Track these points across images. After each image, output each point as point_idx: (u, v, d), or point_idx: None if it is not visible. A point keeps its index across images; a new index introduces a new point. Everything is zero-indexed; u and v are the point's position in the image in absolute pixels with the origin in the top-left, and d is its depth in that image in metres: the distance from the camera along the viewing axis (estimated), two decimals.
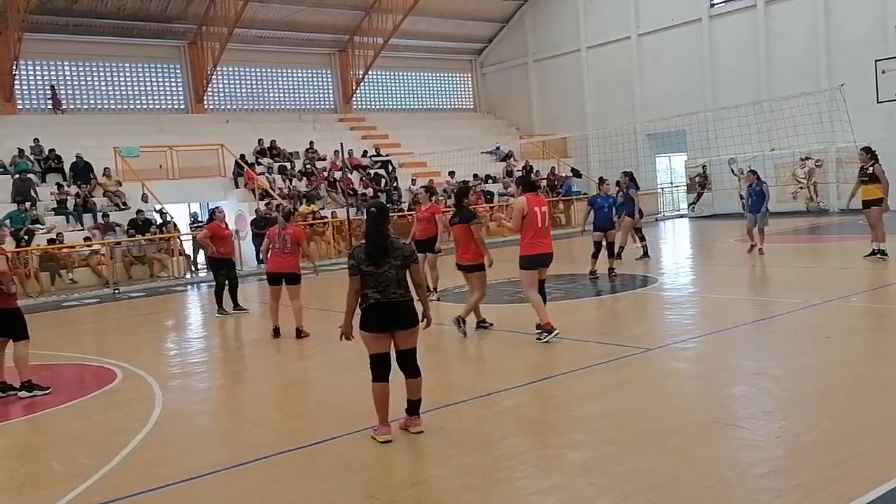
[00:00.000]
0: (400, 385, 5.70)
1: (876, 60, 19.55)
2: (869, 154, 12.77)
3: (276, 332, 10.32)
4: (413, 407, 5.70)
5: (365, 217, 5.81)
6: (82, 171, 22.06)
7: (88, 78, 27.19)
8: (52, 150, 22.60)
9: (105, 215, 20.46)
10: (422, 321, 5.75)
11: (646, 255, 15.73)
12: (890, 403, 5.61)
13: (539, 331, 8.38)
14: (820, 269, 13.26)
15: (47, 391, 7.79)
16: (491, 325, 9.47)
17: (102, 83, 27.48)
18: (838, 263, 12.82)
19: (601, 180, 15.20)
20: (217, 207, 13.63)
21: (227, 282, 12.87)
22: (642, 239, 15.86)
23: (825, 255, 14.45)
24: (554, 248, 8.65)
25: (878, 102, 18.96)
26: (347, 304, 5.71)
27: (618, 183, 15.63)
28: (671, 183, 32.80)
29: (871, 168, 12.65)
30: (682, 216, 29.20)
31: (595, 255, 13.53)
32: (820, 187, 24.67)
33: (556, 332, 8.30)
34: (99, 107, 27.33)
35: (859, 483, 4.21)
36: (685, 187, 29.69)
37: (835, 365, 6.88)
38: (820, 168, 24.49)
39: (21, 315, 7.93)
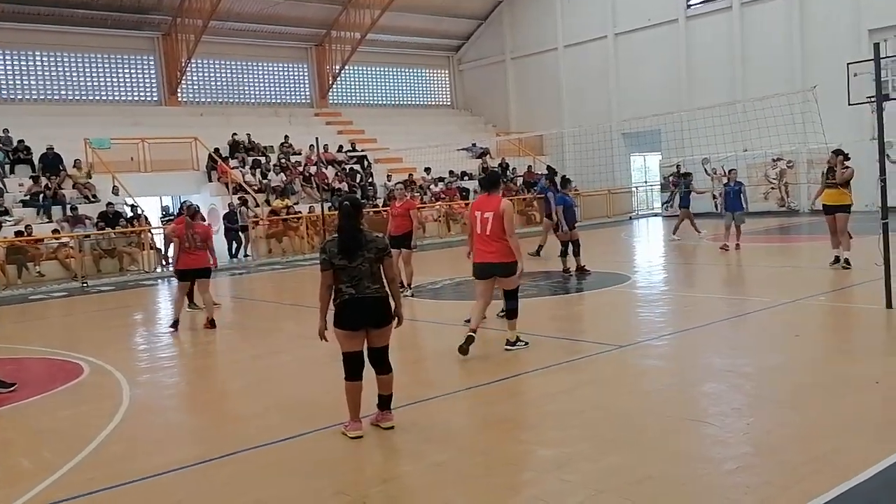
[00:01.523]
0: (370, 380, 5.65)
1: (848, 63, 19.72)
2: (840, 156, 12.13)
3: (176, 325, 10.66)
4: (384, 402, 5.64)
5: (338, 210, 5.72)
6: (52, 162, 21.70)
7: (60, 68, 26.77)
8: (21, 141, 22.22)
9: (74, 208, 20.16)
10: (392, 322, 5.60)
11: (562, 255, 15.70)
12: (858, 401, 5.68)
13: (469, 333, 7.70)
14: (790, 269, 13.41)
15: (13, 388, 7.58)
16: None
17: (74, 74, 27.08)
18: (808, 263, 12.97)
19: (566, 180, 15.15)
20: (186, 201, 13.50)
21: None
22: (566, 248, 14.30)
23: (795, 254, 14.63)
24: (510, 259, 7.65)
25: (849, 105, 19.11)
26: (320, 300, 5.57)
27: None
28: (646, 182, 33.05)
29: (840, 169, 12.07)
30: (655, 215, 29.42)
31: (563, 254, 13.61)
32: (791, 188, 24.97)
33: (471, 336, 7.61)
34: (70, 98, 26.92)
35: (828, 479, 4.24)
36: (659, 186, 29.92)
37: (804, 363, 6.95)
38: (791, 169, 24.78)
39: None
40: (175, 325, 10.66)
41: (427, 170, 27.29)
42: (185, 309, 12.56)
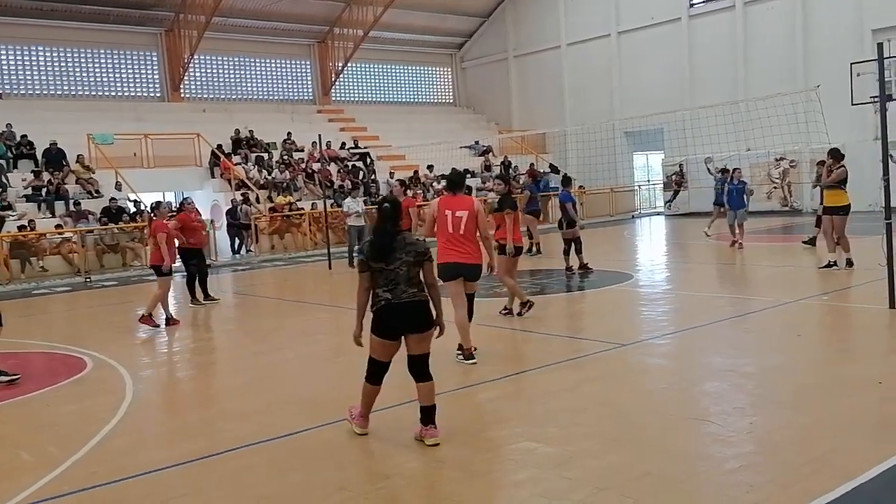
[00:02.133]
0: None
1: (851, 63, 19.74)
2: (833, 156, 11.91)
3: (168, 321, 10.93)
4: (427, 415, 5.26)
5: (377, 211, 5.38)
6: (55, 157, 21.74)
7: (63, 64, 26.79)
8: (24, 136, 22.24)
9: (77, 203, 20.18)
10: (434, 329, 5.34)
11: (537, 251, 16.90)
12: (860, 401, 5.68)
13: (458, 351, 7.51)
14: (792, 268, 13.40)
15: (16, 378, 7.66)
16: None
17: (77, 69, 27.10)
18: (810, 263, 12.96)
19: (567, 179, 15.14)
20: (187, 198, 13.53)
21: (197, 272, 12.78)
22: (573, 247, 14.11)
23: (798, 254, 14.62)
24: (481, 261, 7.52)
25: (852, 104, 19.14)
26: (358, 303, 5.30)
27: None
28: (648, 181, 33.03)
29: (824, 171, 12.00)
30: (658, 214, 29.40)
31: (566, 252, 13.61)
32: (794, 188, 24.94)
33: (474, 360, 7.40)
34: (73, 93, 26.94)
35: (830, 479, 4.25)
36: (662, 185, 29.90)
37: (806, 363, 6.96)
38: (794, 168, 24.75)
39: None
40: (162, 322, 10.84)
41: (430, 167, 27.29)
42: (189, 304, 12.65)
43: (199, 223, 13.30)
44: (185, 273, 13.05)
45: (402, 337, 5.25)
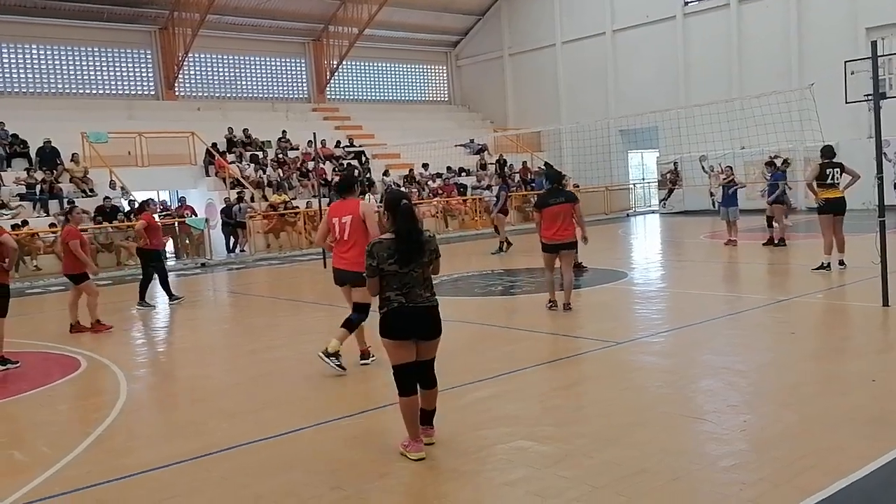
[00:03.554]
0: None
1: (846, 61, 19.74)
2: (824, 155, 11.90)
3: (73, 327, 10.49)
4: (427, 417, 5.21)
5: (395, 210, 4.98)
6: (49, 156, 21.67)
7: (57, 62, 26.72)
8: (15, 136, 22.16)
9: (71, 202, 20.10)
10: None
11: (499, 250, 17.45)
12: (853, 399, 5.70)
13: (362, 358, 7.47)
14: (786, 266, 13.43)
15: (17, 364, 8.08)
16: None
17: (71, 67, 27.03)
18: (804, 261, 12.99)
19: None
20: (149, 199, 13.41)
21: (158, 273, 12.66)
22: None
23: (791, 252, 14.65)
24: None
25: (846, 103, 19.14)
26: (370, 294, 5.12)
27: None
28: (643, 179, 33.07)
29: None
30: (653, 212, 29.44)
31: None
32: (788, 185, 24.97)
33: (371, 357, 7.40)
34: (67, 91, 26.87)
35: (823, 476, 4.26)
36: (657, 183, 29.94)
37: (799, 361, 6.97)
38: (789, 167, 24.77)
39: (8, 293, 8.39)
40: (73, 327, 10.51)
41: (425, 165, 27.28)
42: (136, 307, 12.40)
43: (160, 224, 13.08)
44: (142, 275, 12.73)
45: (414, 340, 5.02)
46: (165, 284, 12.80)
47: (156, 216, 12.89)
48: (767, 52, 26.21)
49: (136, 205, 16.95)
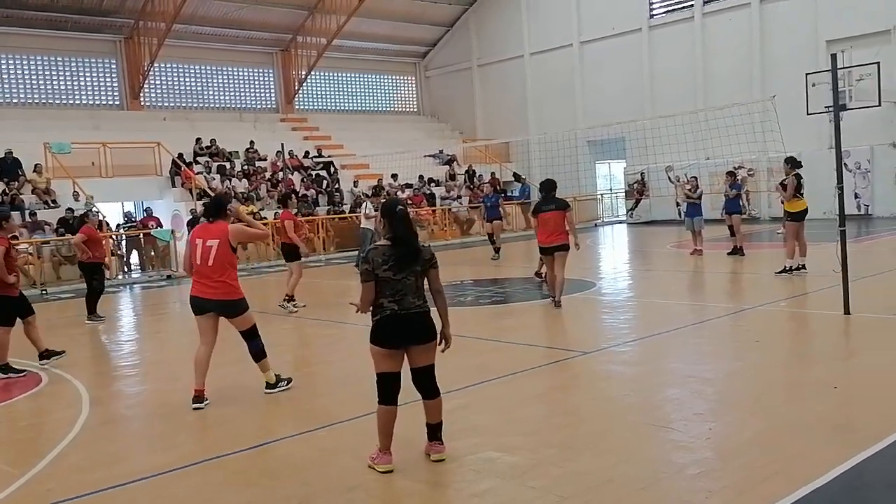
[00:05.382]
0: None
1: (807, 74, 20.22)
2: (790, 164, 12.47)
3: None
4: (433, 431, 5.12)
5: (392, 216, 4.93)
6: (10, 167, 21.27)
7: (19, 71, 26.28)
8: None
9: (33, 213, 19.77)
10: (440, 343, 5.08)
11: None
12: (817, 406, 5.78)
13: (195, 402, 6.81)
14: (750, 275, 13.63)
15: (22, 374, 8.37)
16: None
17: (34, 77, 26.60)
18: (768, 270, 13.19)
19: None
20: (90, 210, 13.17)
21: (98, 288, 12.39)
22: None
23: (755, 261, 14.86)
24: (236, 296, 6.96)
25: (808, 114, 19.61)
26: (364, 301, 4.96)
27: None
28: (610, 189, 33.37)
29: (786, 179, 12.37)
30: (620, 222, 29.71)
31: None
32: (751, 195, 25.38)
33: (199, 405, 6.74)
34: (29, 101, 26.44)
35: (787, 483, 4.32)
36: (624, 194, 30.23)
37: (764, 368, 7.06)
38: (752, 177, 25.20)
39: (8, 302, 8.57)
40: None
41: (394, 176, 27.27)
42: (85, 322, 12.07)
43: (102, 236, 12.80)
44: (87, 289, 12.44)
45: (405, 350, 4.98)
46: (96, 299, 12.37)
47: (103, 227, 12.51)
48: (731, 64, 26.65)
49: (76, 217, 16.63)
